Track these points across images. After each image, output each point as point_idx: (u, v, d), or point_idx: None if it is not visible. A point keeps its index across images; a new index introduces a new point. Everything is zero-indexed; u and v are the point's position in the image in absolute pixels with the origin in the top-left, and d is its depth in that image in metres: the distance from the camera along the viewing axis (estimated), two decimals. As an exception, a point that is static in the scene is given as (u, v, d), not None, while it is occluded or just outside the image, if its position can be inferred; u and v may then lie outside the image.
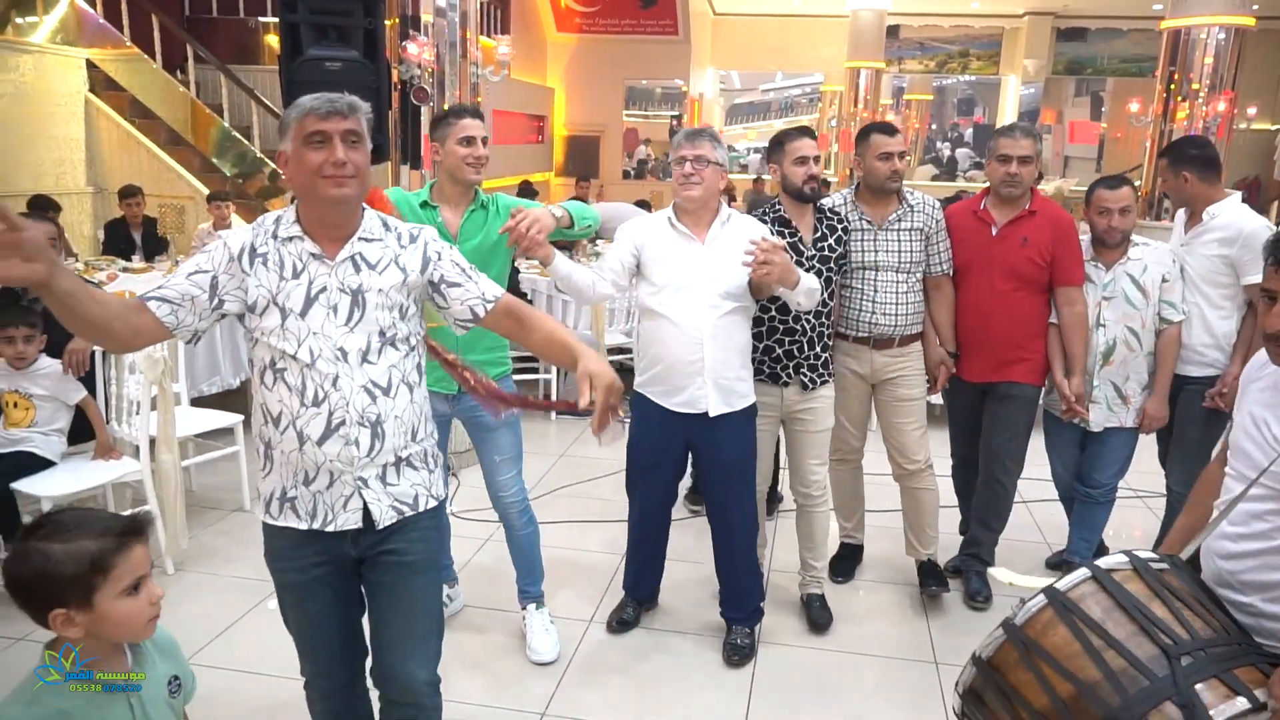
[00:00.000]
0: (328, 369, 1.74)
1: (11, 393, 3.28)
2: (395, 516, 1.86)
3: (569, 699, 2.76)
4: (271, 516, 1.86)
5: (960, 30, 14.55)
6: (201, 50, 8.20)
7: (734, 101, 15.24)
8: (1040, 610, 1.61)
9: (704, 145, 2.71)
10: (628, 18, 12.77)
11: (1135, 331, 3.20)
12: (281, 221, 1.79)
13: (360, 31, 4.05)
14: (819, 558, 3.23)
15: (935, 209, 3.18)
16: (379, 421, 1.79)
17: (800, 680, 2.90)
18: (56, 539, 1.39)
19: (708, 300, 2.71)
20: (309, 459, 1.77)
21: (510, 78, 11.15)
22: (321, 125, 1.68)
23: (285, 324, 1.74)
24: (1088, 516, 3.45)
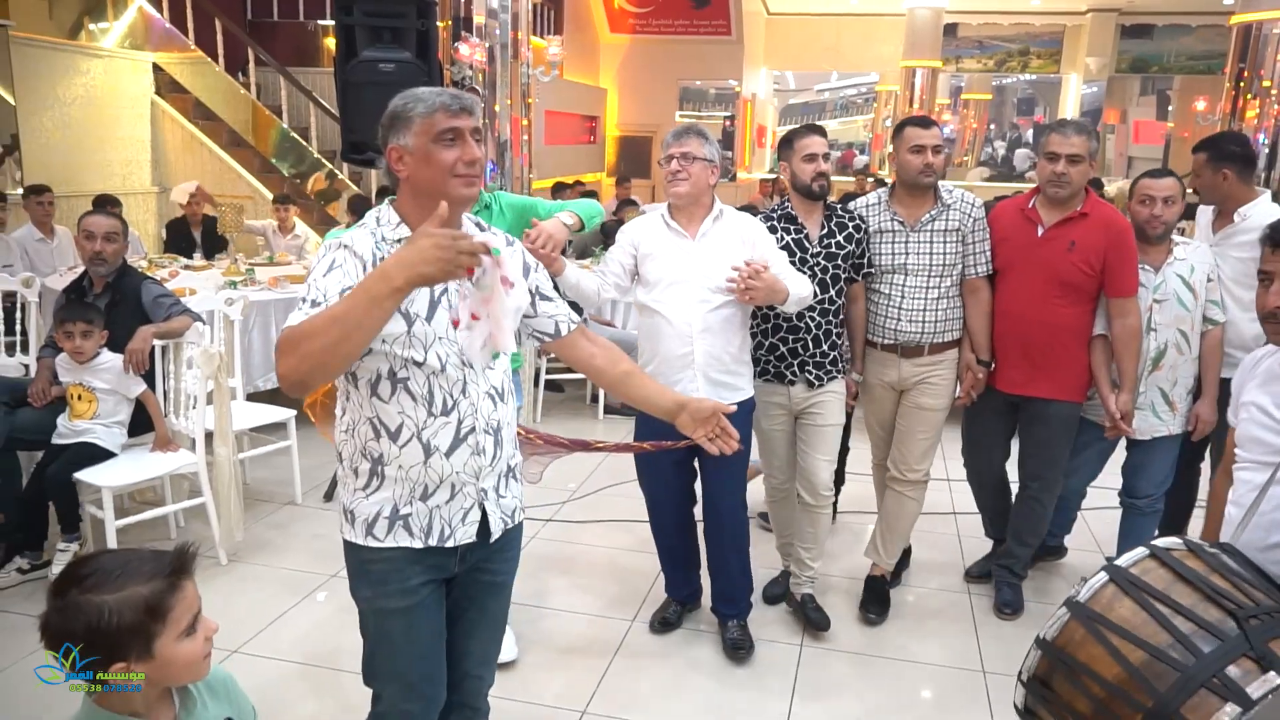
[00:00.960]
0: (456, 375, 1.69)
1: (76, 385, 3.38)
2: (503, 528, 1.83)
3: (610, 697, 2.76)
4: (376, 539, 1.73)
5: (1020, 28, 14.26)
6: (262, 53, 8.39)
7: (788, 102, 15.13)
8: (1102, 587, 1.65)
9: (691, 142, 2.71)
10: (681, 18, 12.76)
11: (1185, 334, 3.05)
12: (383, 223, 1.70)
13: (413, 33, 4.10)
14: (815, 559, 3.16)
15: (974, 207, 3.03)
16: (500, 428, 1.76)
17: (844, 685, 2.86)
18: (106, 588, 1.25)
19: (698, 295, 2.73)
20: (434, 472, 1.70)
21: (563, 78, 11.22)
22: (454, 122, 1.63)
23: (412, 330, 1.65)
24: (1136, 528, 3.29)
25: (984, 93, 14.83)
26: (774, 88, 15.09)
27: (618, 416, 5.46)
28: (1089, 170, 2.94)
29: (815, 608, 3.16)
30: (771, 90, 15.08)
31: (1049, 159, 2.94)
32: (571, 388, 6.09)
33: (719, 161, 2.79)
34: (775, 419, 3.06)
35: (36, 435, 3.39)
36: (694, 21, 12.76)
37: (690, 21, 12.76)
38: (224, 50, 8.34)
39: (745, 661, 2.95)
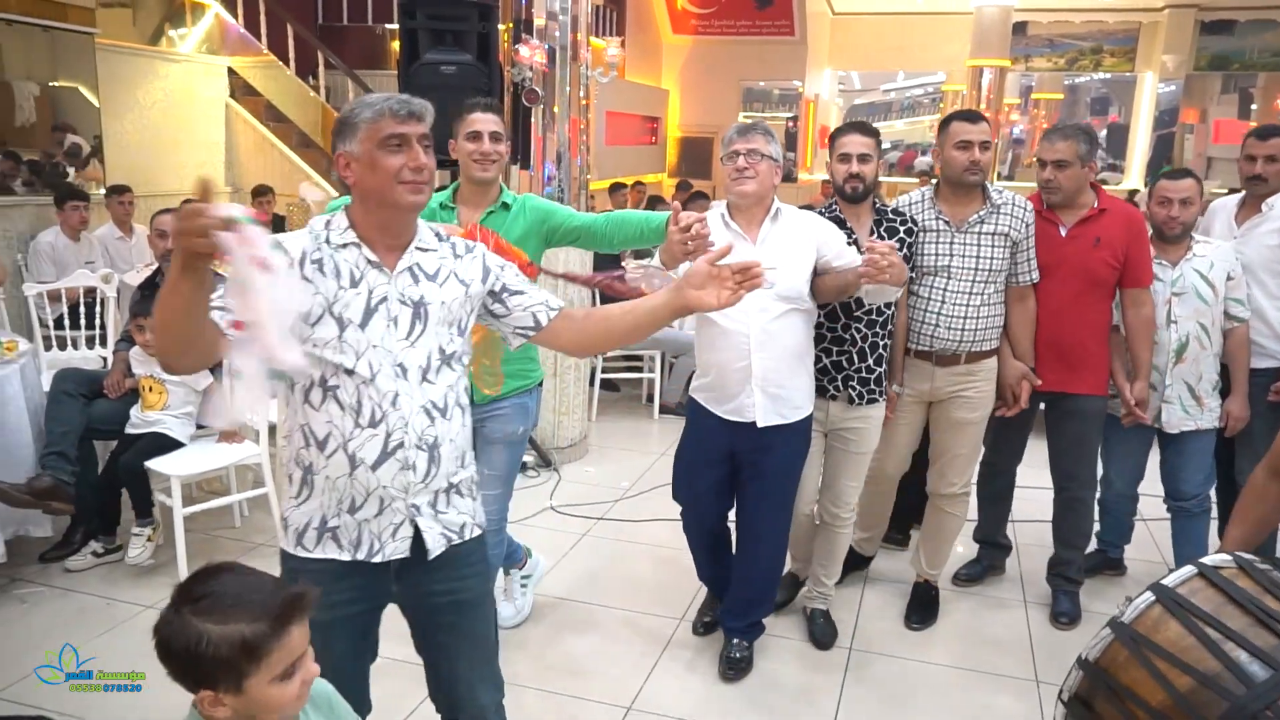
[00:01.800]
0: (387, 386, 1.63)
1: (148, 377, 3.51)
2: (445, 545, 1.74)
3: (655, 695, 2.77)
4: (305, 549, 1.70)
5: (1093, 25, 13.86)
6: (332, 57, 8.59)
7: (854, 102, 14.96)
8: (1148, 607, 1.59)
9: (757, 139, 2.57)
10: (743, 18, 12.69)
11: (1206, 329, 3.08)
12: (332, 227, 1.67)
13: (474, 36, 4.18)
14: (831, 575, 3.09)
15: (1026, 211, 2.95)
16: (436, 445, 1.68)
17: (892, 691, 2.83)
18: (213, 617, 1.26)
19: (758, 303, 2.50)
20: (359, 484, 1.64)
21: (624, 80, 11.26)
22: (400, 128, 1.59)
23: (343, 336, 1.62)
24: (1188, 531, 3.26)
25: (1055, 92, 14.46)
26: (839, 88, 14.93)
27: (672, 416, 5.47)
28: (1080, 173, 2.96)
29: (824, 625, 3.07)
30: (836, 90, 14.92)
31: (1039, 166, 3.02)
32: (628, 387, 6.12)
33: (782, 161, 2.68)
34: None
35: (111, 426, 3.54)
36: (757, 22, 12.67)
37: (753, 22, 12.68)
38: (295, 54, 8.56)
39: (734, 681, 2.84)
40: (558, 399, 4.76)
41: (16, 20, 5.61)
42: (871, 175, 2.80)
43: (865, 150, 2.78)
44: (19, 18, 5.63)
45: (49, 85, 6.02)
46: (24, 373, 3.41)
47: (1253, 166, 3.19)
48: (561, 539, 3.84)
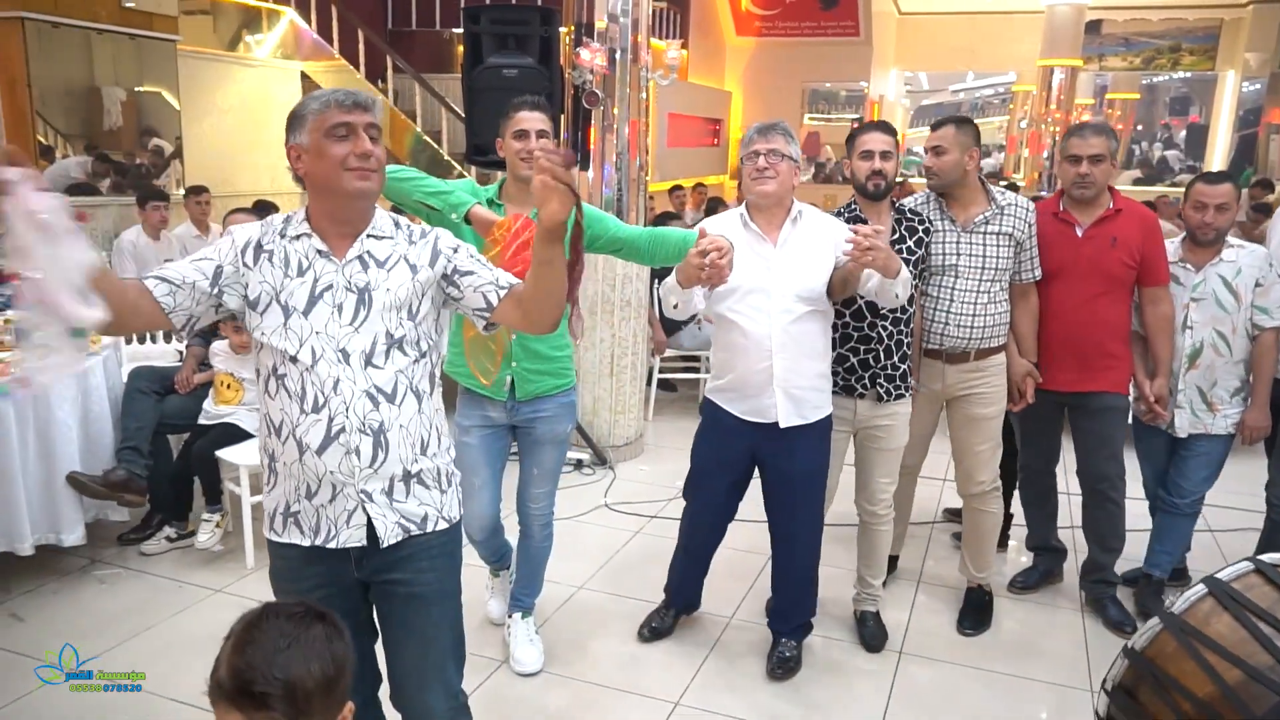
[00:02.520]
0: (328, 372, 1.64)
1: (227, 374, 3.65)
2: (401, 534, 1.73)
3: (702, 693, 2.80)
4: (275, 533, 1.76)
5: (1171, 23, 13.44)
6: (399, 61, 8.79)
7: (921, 103, 14.75)
8: (1200, 599, 1.59)
9: (777, 139, 2.56)
10: (808, 20, 12.60)
11: (1224, 336, 3.04)
12: (291, 221, 1.72)
13: (536, 40, 4.25)
14: (876, 575, 3.08)
15: (1029, 212, 3.00)
16: (382, 430, 1.67)
17: (942, 696, 2.81)
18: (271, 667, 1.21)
19: (780, 304, 2.55)
20: (310, 470, 1.67)
21: (686, 81, 11.29)
22: (346, 117, 1.62)
23: (288, 323, 1.66)
24: (1170, 528, 3.25)
25: (1132, 91, 14.06)
26: (906, 89, 14.74)
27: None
28: (1110, 169, 2.98)
29: (873, 627, 3.07)
30: (902, 91, 14.73)
31: (1071, 162, 2.98)
32: (684, 387, 6.15)
33: (801, 162, 2.68)
34: (835, 432, 2.87)
35: (182, 420, 3.69)
36: (821, 23, 12.57)
37: (818, 23, 12.58)
38: (365, 58, 8.78)
39: (781, 680, 2.85)
40: (614, 398, 4.81)
41: (107, 29, 5.87)
42: (892, 172, 2.82)
43: (887, 148, 2.79)
44: (109, 27, 5.89)
45: (135, 90, 6.28)
46: (106, 365, 3.58)
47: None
48: (615, 536, 3.88)
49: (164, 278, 1.64)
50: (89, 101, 5.94)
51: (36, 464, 3.20)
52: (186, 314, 1.67)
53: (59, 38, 5.61)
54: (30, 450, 3.18)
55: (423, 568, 1.78)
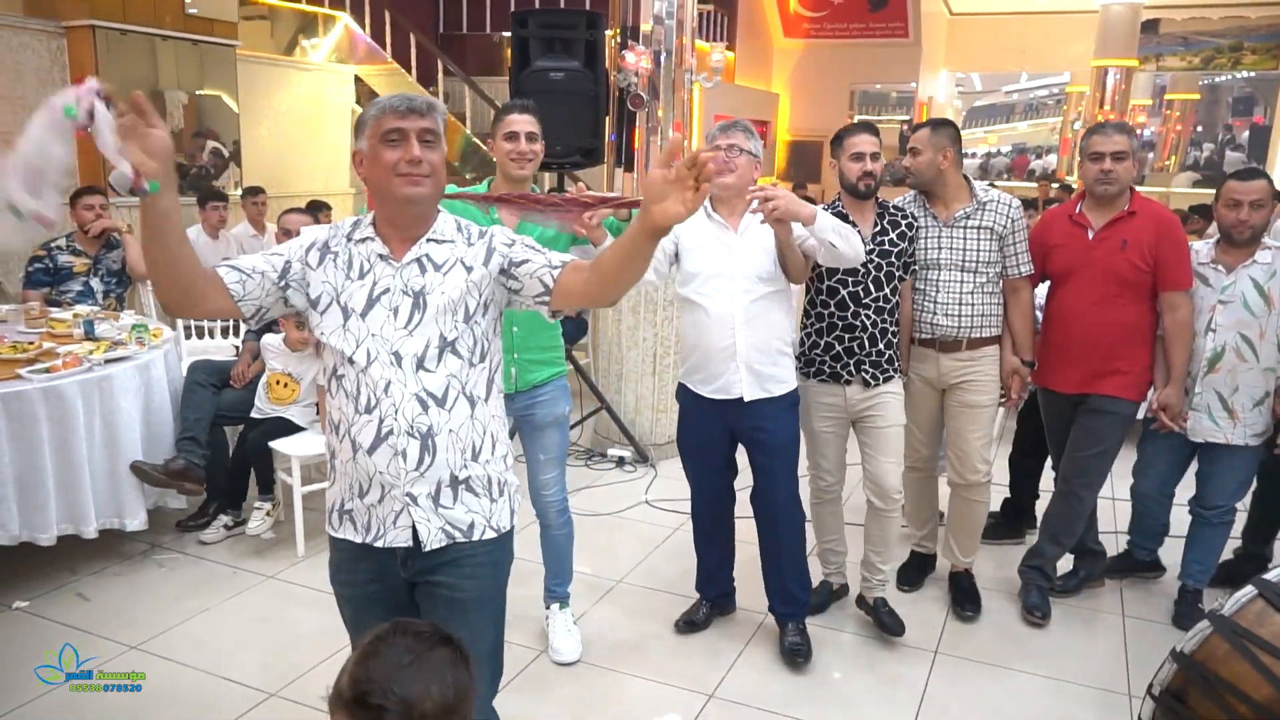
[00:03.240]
0: (380, 374, 1.67)
1: (284, 374, 3.77)
2: (444, 540, 1.74)
3: (737, 685, 2.84)
4: (333, 528, 1.81)
5: (1232, 21, 13.12)
6: (450, 64, 8.95)
7: (974, 104, 14.59)
8: (1250, 601, 1.58)
9: (737, 135, 2.73)
10: (856, 21, 12.55)
11: (1250, 341, 2.97)
12: (359, 224, 1.76)
13: (582, 44, 4.33)
14: (886, 561, 3.11)
15: (1011, 208, 3.06)
16: (430, 434, 1.68)
17: (973, 700, 2.82)
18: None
19: (740, 286, 2.73)
20: (361, 469, 1.71)
21: (734, 84, 11.32)
22: (399, 123, 1.64)
23: (347, 324, 1.70)
24: (1202, 539, 3.22)
25: (1191, 92, 13.74)
26: (958, 90, 14.59)
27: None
28: (1133, 167, 2.97)
29: (889, 612, 3.10)
30: (954, 92, 14.57)
31: (1093, 159, 2.98)
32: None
33: (761, 157, 2.82)
34: (826, 420, 3.04)
35: (238, 412, 3.83)
36: (870, 24, 12.51)
37: (866, 24, 12.53)
38: (416, 62, 8.96)
39: (802, 669, 2.90)
40: (656, 397, 4.87)
41: (171, 35, 6.08)
42: (880, 172, 2.93)
43: (875, 149, 2.91)
44: (173, 33, 6.10)
45: (196, 94, 6.49)
46: (167, 359, 3.73)
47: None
48: (654, 531, 3.94)
49: (235, 266, 1.69)
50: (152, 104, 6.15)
51: (102, 452, 3.35)
52: (255, 304, 1.70)
53: (127, 44, 5.83)
54: (96, 439, 3.32)
55: (465, 574, 1.78)
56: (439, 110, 1.70)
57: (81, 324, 3.74)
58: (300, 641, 2.98)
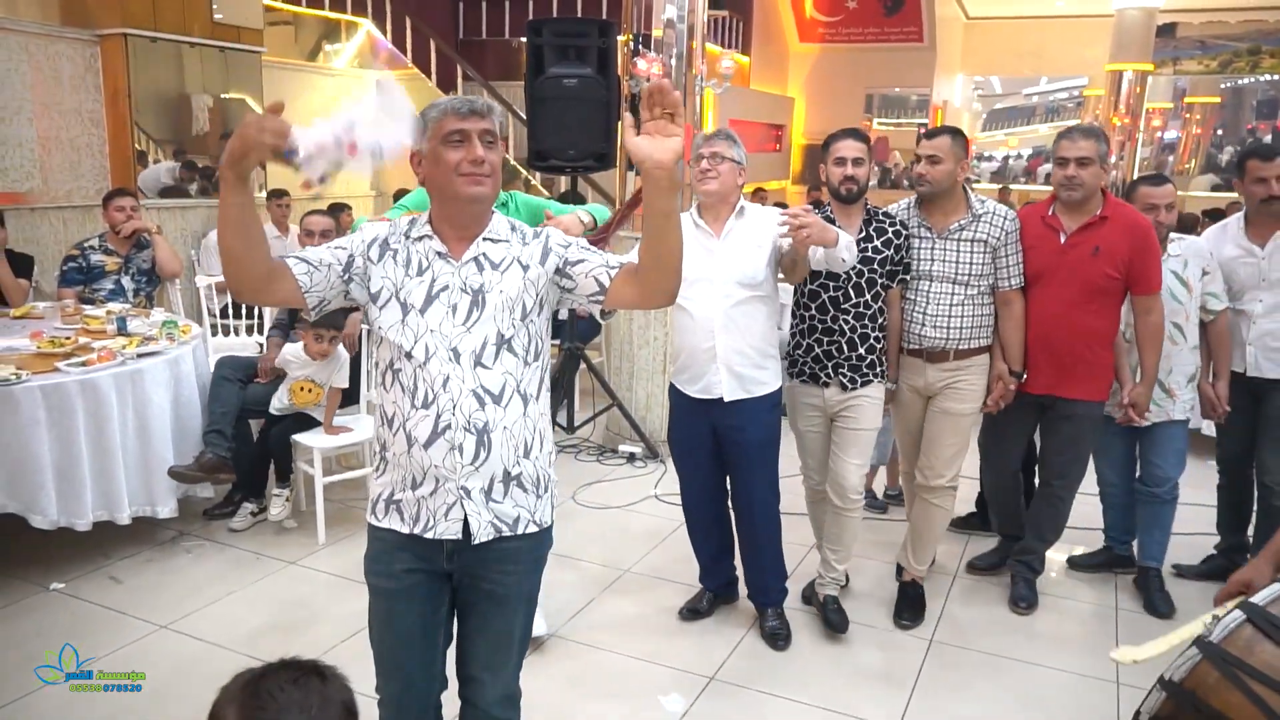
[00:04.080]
0: (439, 369, 1.71)
1: (308, 380, 3.91)
2: (492, 534, 1.79)
3: (737, 668, 2.96)
4: (377, 518, 1.83)
5: (1251, 25, 13.08)
6: (469, 70, 9.12)
7: (994, 106, 14.62)
8: (1239, 627, 1.53)
9: (720, 144, 2.82)
10: (871, 26, 12.63)
11: (1179, 326, 3.20)
12: (416, 223, 1.81)
13: (594, 51, 4.45)
14: (842, 561, 3.17)
15: (1006, 220, 3.06)
16: (486, 430, 1.73)
17: (965, 686, 2.92)
18: None
19: (721, 290, 2.82)
20: (416, 463, 1.74)
21: (749, 88, 11.42)
22: (461, 124, 1.69)
23: (406, 319, 1.73)
24: (1155, 516, 3.37)
25: (1212, 95, 13.71)
26: (977, 93, 14.63)
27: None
28: (1100, 172, 3.01)
29: (836, 609, 3.16)
30: (972, 95, 14.60)
31: (1059, 164, 3.04)
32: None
33: (746, 164, 2.89)
34: (810, 420, 3.11)
35: (263, 406, 3.98)
36: (885, 29, 12.58)
37: (881, 29, 12.60)
38: (436, 67, 9.13)
39: (783, 650, 3.04)
40: (666, 395, 4.97)
41: (199, 43, 6.27)
42: (864, 178, 2.98)
43: (858, 154, 2.95)
44: (201, 40, 6.29)
45: (220, 97, 6.67)
46: (195, 354, 3.89)
47: (1267, 188, 3.21)
48: (662, 524, 4.06)
49: (303, 258, 1.73)
50: (180, 109, 6.33)
51: (134, 442, 3.51)
52: (320, 295, 1.74)
53: (156, 51, 6.02)
54: (129, 429, 3.48)
55: (508, 569, 1.83)
56: (497, 112, 1.75)
57: (115, 320, 3.91)
58: (321, 622, 3.13)
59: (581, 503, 4.31)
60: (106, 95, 5.87)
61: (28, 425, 3.19)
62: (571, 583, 3.47)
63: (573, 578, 3.52)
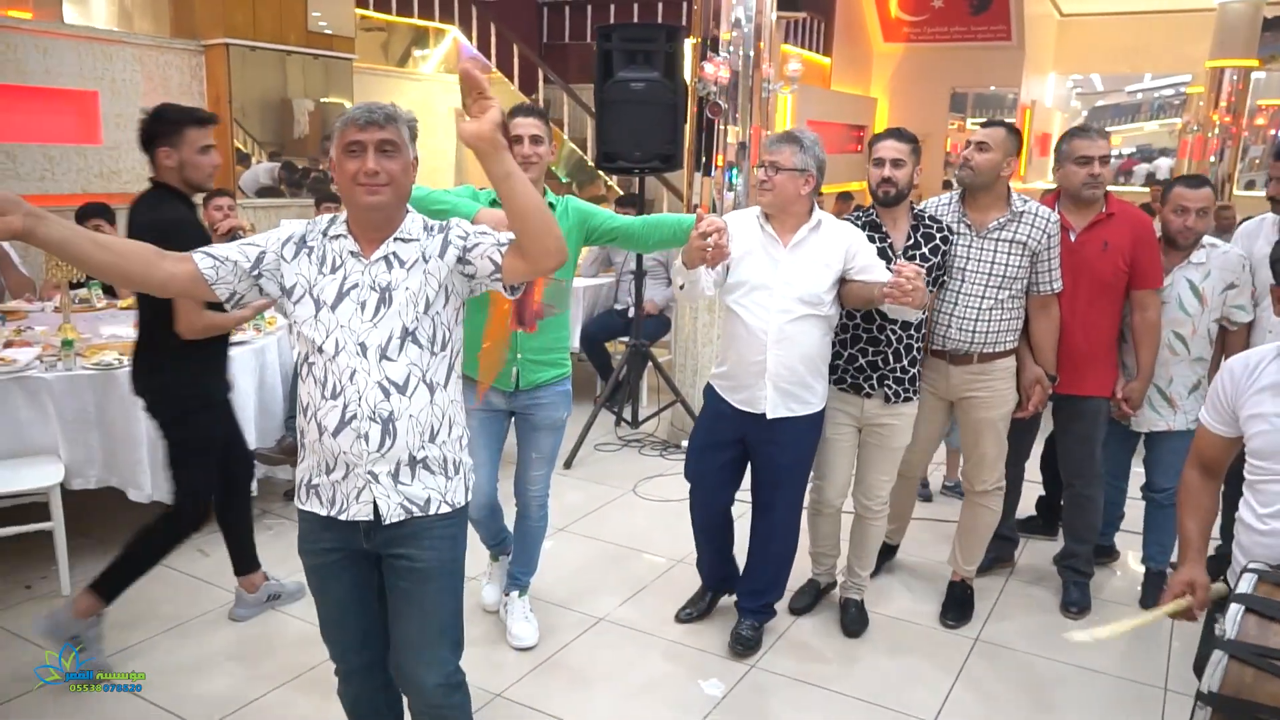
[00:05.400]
0: (346, 363, 1.78)
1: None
2: (403, 515, 1.86)
3: (779, 659, 3.03)
4: (301, 501, 1.93)
5: (1370, 18, 12.37)
6: (550, 73, 9.35)
7: (1095, 104, 14.17)
8: (1243, 618, 1.56)
9: (779, 152, 2.69)
10: (958, 24, 12.39)
11: (1182, 337, 3.09)
12: (335, 221, 1.87)
13: (662, 55, 4.58)
14: (865, 566, 3.20)
15: (1049, 222, 2.98)
16: (391, 419, 1.79)
17: (1014, 686, 2.92)
18: None
19: (779, 304, 2.70)
20: (327, 449, 1.82)
21: (830, 89, 11.37)
22: (358, 135, 1.75)
23: (318, 315, 1.80)
24: (1158, 521, 3.33)
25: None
26: (1076, 91, 14.21)
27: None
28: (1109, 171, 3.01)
29: (856, 615, 3.18)
30: (1065, 94, 14.19)
31: (1081, 163, 2.98)
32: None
33: (814, 170, 2.71)
34: (840, 427, 2.99)
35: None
36: (971, 27, 12.33)
37: (968, 28, 12.36)
38: (519, 70, 9.39)
39: (742, 657, 2.99)
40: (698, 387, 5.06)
41: (295, 51, 6.63)
42: (904, 180, 2.86)
43: (899, 155, 2.84)
44: (296, 48, 6.65)
45: (319, 101, 7.03)
46: (280, 343, 4.14)
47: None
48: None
49: (208, 253, 1.80)
50: (281, 113, 6.70)
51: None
52: (229, 288, 1.81)
53: (256, 59, 6.39)
54: (217, 412, 3.73)
55: (424, 546, 1.89)
56: (401, 120, 1.80)
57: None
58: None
59: (642, 495, 4.42)
60: (209, 101, 6.26)
61: (129, 406, 3.45)
62: (628, 570, 3.60)
63: (630, 566, 3.65)
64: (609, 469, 4.80)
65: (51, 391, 3.38)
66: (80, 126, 5.70)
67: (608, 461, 4.93)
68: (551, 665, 2.95)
